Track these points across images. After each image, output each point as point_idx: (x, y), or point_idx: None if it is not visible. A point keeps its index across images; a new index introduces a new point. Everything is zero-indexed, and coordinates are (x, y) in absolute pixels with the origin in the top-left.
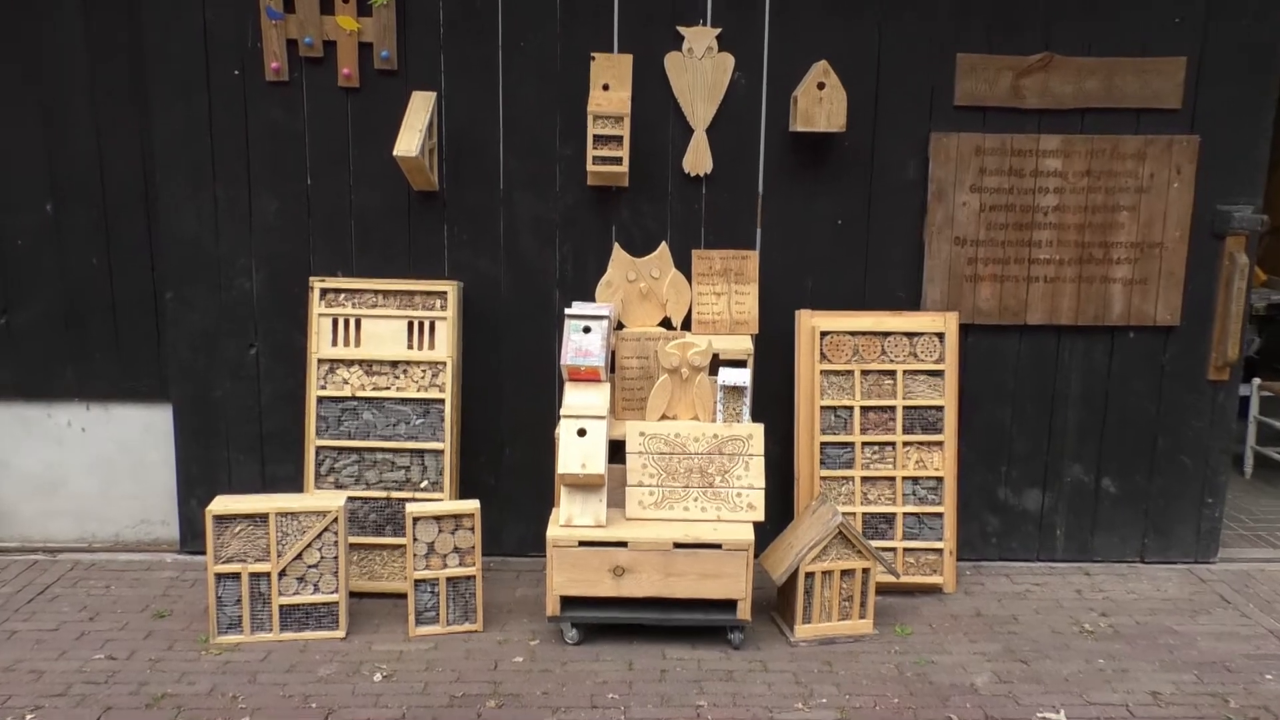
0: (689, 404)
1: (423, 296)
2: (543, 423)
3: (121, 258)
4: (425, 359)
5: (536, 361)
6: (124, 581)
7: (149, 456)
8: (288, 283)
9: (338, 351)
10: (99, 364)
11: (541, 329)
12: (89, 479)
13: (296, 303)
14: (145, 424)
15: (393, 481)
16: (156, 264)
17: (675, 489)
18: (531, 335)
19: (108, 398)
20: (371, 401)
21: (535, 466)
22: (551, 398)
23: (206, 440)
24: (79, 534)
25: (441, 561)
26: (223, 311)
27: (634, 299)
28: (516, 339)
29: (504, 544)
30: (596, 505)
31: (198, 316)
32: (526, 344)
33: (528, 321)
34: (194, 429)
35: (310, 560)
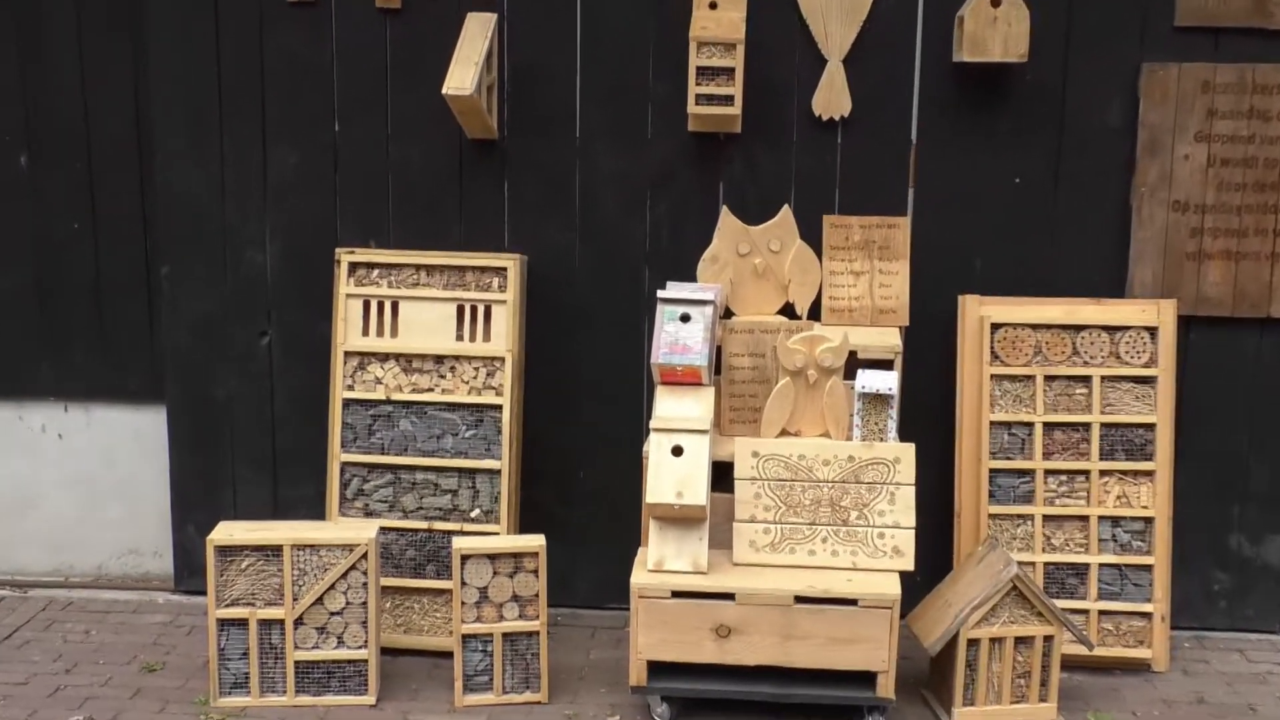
0: (816, 416)
1: (476, 274)
2: (627, 437)
3: (109, 223)
4: (479, 353)
5: (619, 358)
6: (107, 625)
7: (138, 471)
8: (310, 255)
9: (370, 343)
10: (79, 355)
11: (626, 317)
12: (66, 498)
13: (320, 281)
14: (134, 430)
15: (436, 509)
16: (150, 231)
17: (798, 526)
18: (613, 325)
19: (89, 397)
20: (411, 406)
21: (617, 493)
22: (638, 405)
23: (208, 452)
24: (53, 565)
25: (497, 612)
26: (230, 291)
27: (746, 279)
28: (594, 329)
29: (576, 592)
30: (695, 545)
31: (199, 297)
32: (607, 336)
33: (609, 307)
34: (193, 438)
35: (333, 606)
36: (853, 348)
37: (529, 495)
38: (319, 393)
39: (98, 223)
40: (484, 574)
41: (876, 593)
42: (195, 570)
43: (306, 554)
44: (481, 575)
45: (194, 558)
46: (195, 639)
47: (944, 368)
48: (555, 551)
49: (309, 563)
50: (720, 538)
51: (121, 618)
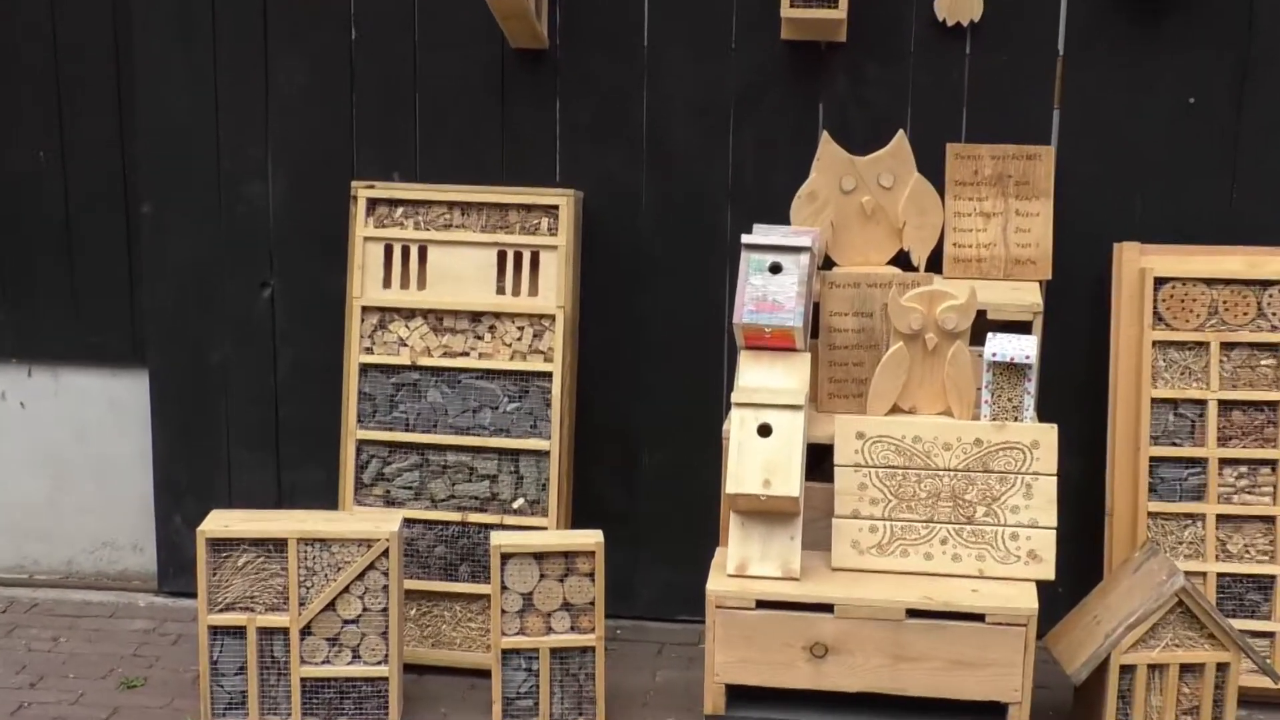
0: (935, 390)
1: (521, 213)
2: (702, 413)
3: (80, 152)
4: (524, 309)
5: (694, 318)
6: (79, 632)
7: (115, 448)
8: (320, 191)
9: (392, 296)
10: (45, 310)
11: (703, 266)
12: (29, 479)
13: (333, 221)
14: (110, 400)
15: (471, 497)
16: (129, 162)
17: (911, 524)
18: (687, 276)
19: (58, 359)
20: (441, 374)
21: (689, 481)
22: (717, 374)
23: (198, 427)
24: (14, 560)
25: (544, 623)
26: (224, 234)
27: (851, 221)
28: (664, 281)
29: (639, 599)
30: (786, 545)
31: (188, 241)
32: (679, 289)
33: (682, 255)
34: (180, 410)
35: (348, 612)
36: (981, 306)
37: (583, 482)
38: (331, 357)
39: (66, 151)
40: (529, 577)
41: (1008, 606)
42: (183, 568)
43: (316, 550)
44: (526, 578)
45: (181, 553)
46: (183, 649)
47: (1094, 332)
48: (615, 551)
49: (319, 560)
50: (816, 537)
51: (96, 623)
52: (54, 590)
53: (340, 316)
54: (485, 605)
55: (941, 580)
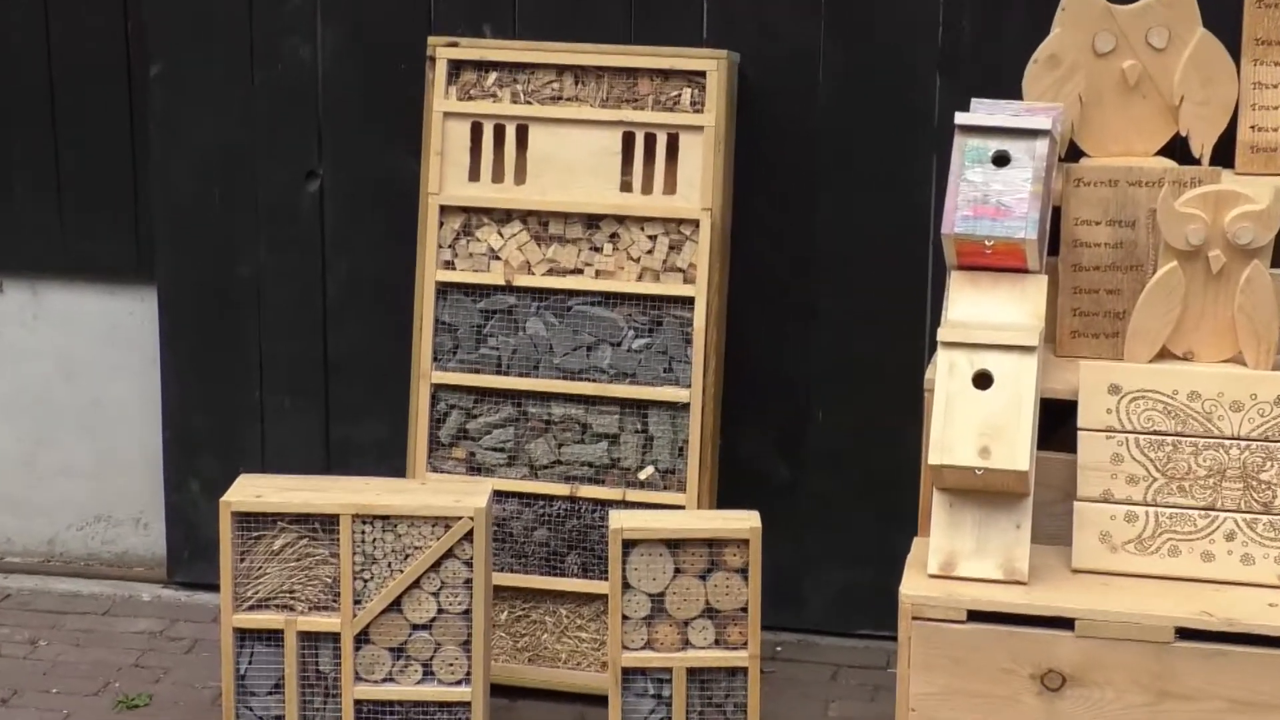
0: (1220, 328)
1: (655, 81)
2: (897, 356)
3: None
4: (657, 212)
5: (887, 225)
6: (64, 633)
7: (113, 390)
8: (386, 49)
9: (482, 193)
10: (21, 207)
11: (901, 156)
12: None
13: (401, 91)
14: (108, 326)
15: (583, 464)
16: (132, 10)
17: (1185, 513)
18: (879, 169)
19: (37, 272)
20: (545, 298)
21: (878, 447)
22: (918, 303)
23: (221, 364)
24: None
25: (679, 635)
26: (258, 106)
27: (1107, 94)
28: (847, 177)
29: (807, 606)
30: (1010, 537)
31: (209, 115)
32: (867, 188)
33: (873, 140)
34: (198, 341)
35: (418, 615)
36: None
37: (734, 447)
38: (398, 273)
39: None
40: (660, 572)
41: None
42: (200, 551)
43: (377, 530)
44: (656, 574)
45: (199, 531)
46: (200, 659)
47: None
48: (776, 539)
49: (381, 545)
50: (1050, 525)
51: (86, 622)
52: (32, 577)
53: (411, 219)
54: (601, 609)
55: (1226, 590)
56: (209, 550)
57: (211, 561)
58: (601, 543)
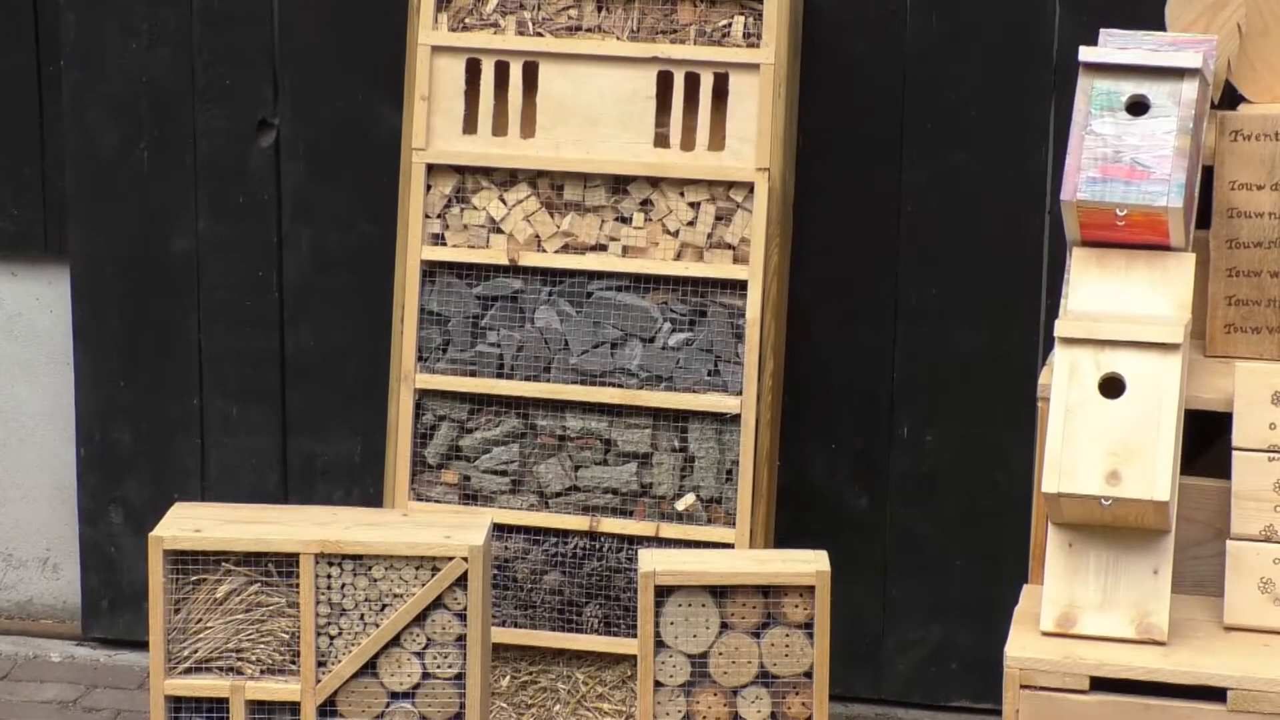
0: None
1: (699, 8)
2: (1003, 355)
3: None
4: (701, 173)
5: (992, 190)
6: None
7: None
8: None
9: (477, 148)
10: None
11: (1009, 104)
12: None
13: (379, 21)
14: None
15: (607, 491)
16: None
17: None
18: (981, 121)
19: None
20: (560, 281)
21: (978, 470)
22: (1030, 288)
23: (151, 363)
24: None
25: (726, 706)
26: (198, 40)
27: (1274, 22)
28: (940, 130)
29: (888, 670)
30: (1145, 584)
31: (134, 47)
32: (967, 143)
33: (973, 83)
34: (121, 333)
35: (397, 679)
36: None
37: (796, 470)
38: (375, 247)
39: None
40: (702, 627)
41: None
42: (124, 599)
43: (346, 573)
44: (698, 629)
45: (122, 574)
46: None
47: None
48: (849, 587)
49: (351, 591)
50: (1196, 570)
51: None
52: None
53: (391, 181)
54: (628, 673)
55: None
56: (135, 599)
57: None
58: (629, 590)
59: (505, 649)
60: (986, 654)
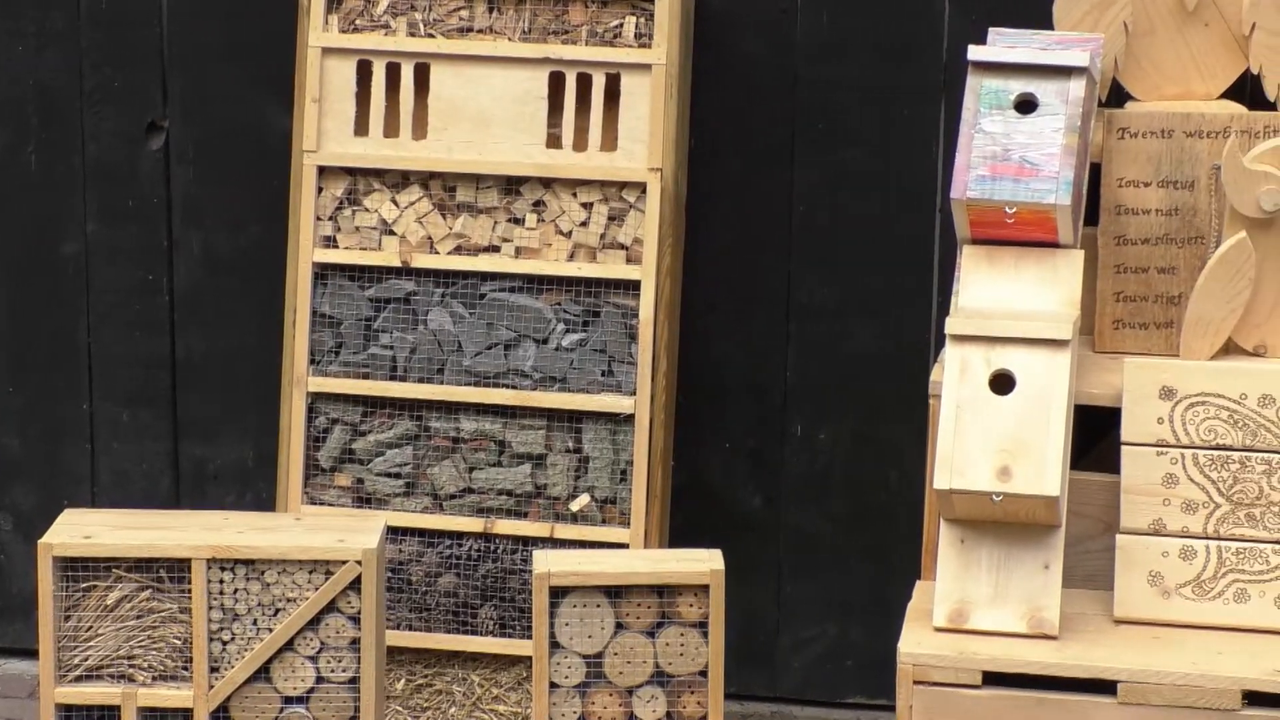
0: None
1: (591, 9)
2: (895, 353)
3: None
4: (594, 173)
5: (882, 190)
6: None
7: None
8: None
9: (369, 149)
10: None
11: (899, 98)
12: None
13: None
14: None
15: (501, 493)
16: None
17: (1256, 547)
18: (871, 120)
19: None
20: (453, 283)
21: (871, 468)
22: (921, 286)
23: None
24: None
25: (621, 706)
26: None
27: (1160, 21)
28: (831, 128)
29: (783, 668)
30: (1036, 579)
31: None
32: (856, 143)
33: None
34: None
35: (291, 684)
36: None
37: (691, 469)
38: (266, 250)
39: None
40: (597, 628)
41: None
42: (14, 607)
43: (239, 578)
44: (592, 630)
45: (11, 581)
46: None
47: None
48: (743, 585)
49: (244, 596)
50: (1087, 565)
51: None
52: None
53: (282, 183)
54: (523, 674)
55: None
56: (24, 607)
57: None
58: (524, 591)
59: (400, 652)
60: (881, 651)
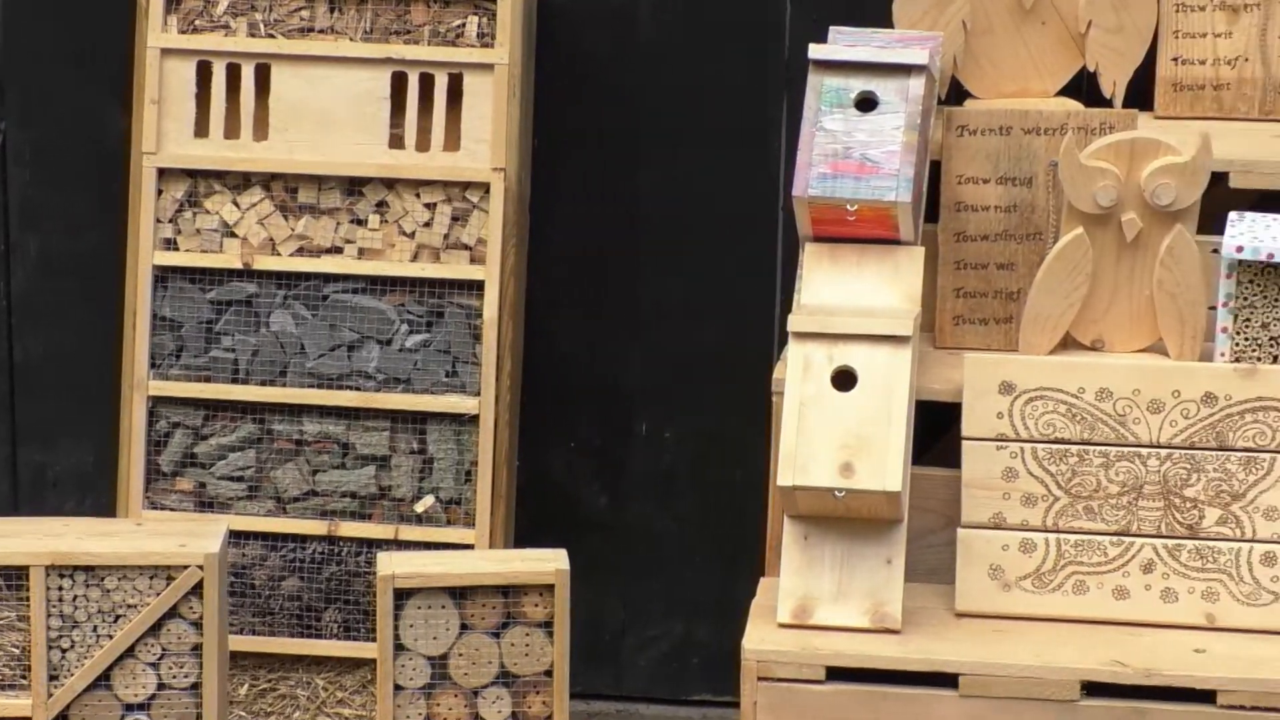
0: (1136, 310)
1: (432, 9)
2: (738, 351)
3: None
4: (437, 174)
5: (726, 188)
6: None
7: None
8: None
9: (209, 151)
10: None
11: (742, 96)
12: None
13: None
14: None
15: (344, 494)
16: None
17: (1094, 539)
18: (715, 119)
19: None
20: (295, 285)
21: (716, 467)
22: (765, 284)
23: None
24: None
25: (467, 707)
26: None
27: (998, 19)
28: (675, 129)
29: (629, 666)
30: (877, 574)
31: None
32: (701, 142)
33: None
34: None
35: (132, 691)
36: (1220, 167)
37: (536, 469)
38: (105, 253)
39: None
40: (442, 629)
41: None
42: None
43: (78, 584)
44: (437, 631)
45: None
46: None
47: None
48: (588, 585)
49: (84, 603)
50: (929, 559)
51: None
52: None
53: (121, 185)
54: (368, 677)
55: (1143, 633)
56: None
57: None
58: (368, 594)
59: (243, 657)
60: (726, 648)
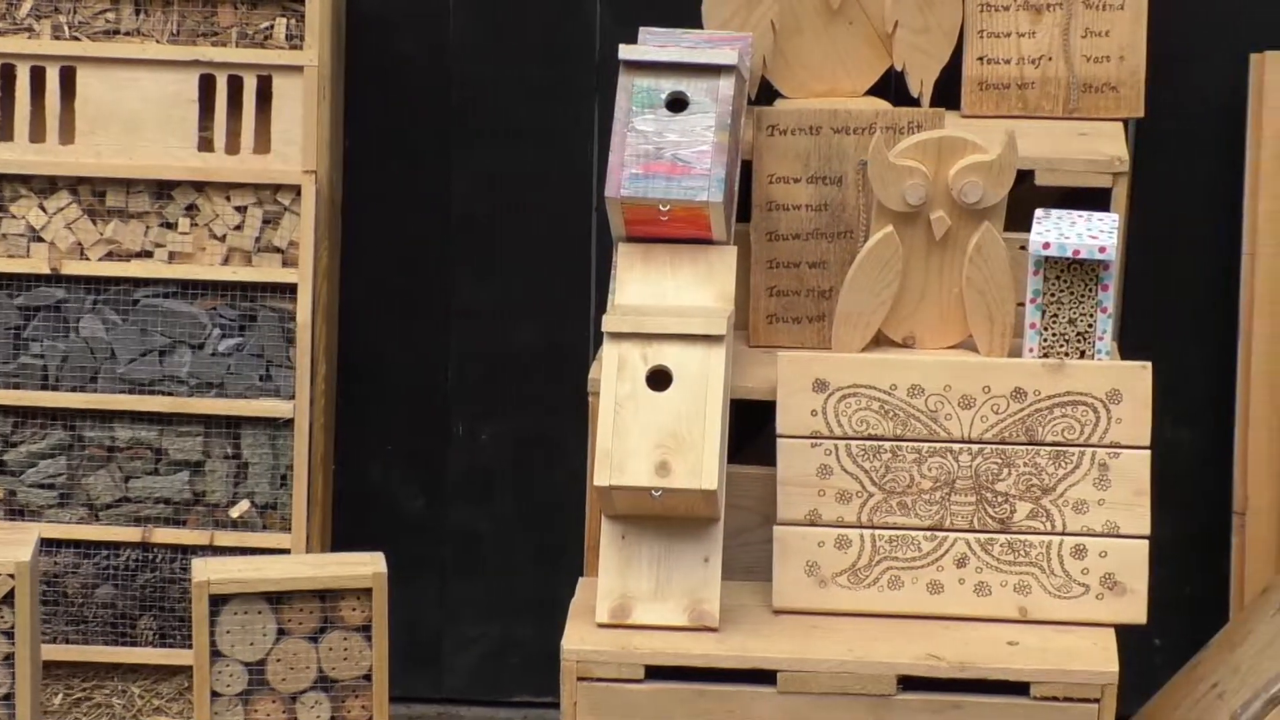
0: (946, 307)
1: (240, 10)
2: (552, 353)
3: None
4: (247, 176)
5: (539, 187)
6: None
7: None
8: None
9: (14, 155)
10: None
11: (553, 97)
12: None
13: None
14: None
15: (158, 500)
16: None
17: (908, 534)
18: (528, 119)
19: None
20: (104, 290)
21: (531, 467)
22: (580, 284)
23: None
24: None
25: (285, 712)
26: None
27: (806, 19)
28: (488, 128)
29: (448, 671)
30: (695, 573)
31: None
32: (513, 143)
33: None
34: None
35: None
36: (1026, 165)
37: (352, 473)
38: None
39: None
40: (259, 634)
41: (1069, 669)
42: None
43: None
44: (254, 637)
45: None
46: None
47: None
48: (407, 588)
49: None
50: (746, 557)
51: None
52: None
53: None
54: (184, 684)
55: (958, 628)
56: None
57: None
58: (184, 600)
59: (57, 666)
60: (547, 649)
